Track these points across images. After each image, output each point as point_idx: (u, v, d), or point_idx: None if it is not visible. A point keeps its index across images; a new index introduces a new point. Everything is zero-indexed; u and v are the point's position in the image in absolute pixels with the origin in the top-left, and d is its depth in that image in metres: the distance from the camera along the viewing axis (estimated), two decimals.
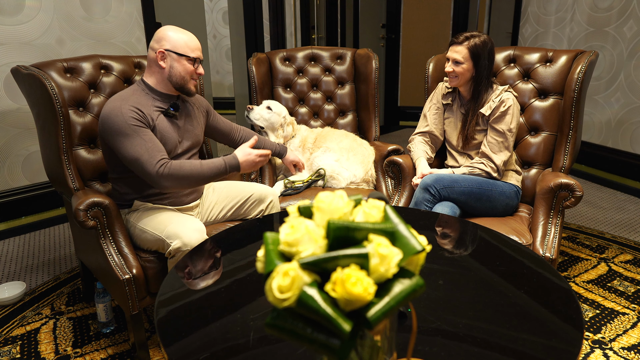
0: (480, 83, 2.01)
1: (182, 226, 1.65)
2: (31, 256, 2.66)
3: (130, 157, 1.66)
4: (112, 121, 1.66)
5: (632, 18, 3.48)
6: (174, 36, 1.76)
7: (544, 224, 1.83)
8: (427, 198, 1.94)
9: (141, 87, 1.80)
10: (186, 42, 1.77)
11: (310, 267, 0.67)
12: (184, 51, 1.76)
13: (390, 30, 5.36)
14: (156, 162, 1.65)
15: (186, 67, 1.77)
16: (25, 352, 1.86)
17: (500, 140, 1.98)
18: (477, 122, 2.05)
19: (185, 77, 1.79)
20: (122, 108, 1.67)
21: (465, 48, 1.97)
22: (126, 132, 1.65)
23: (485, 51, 1.97)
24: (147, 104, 1.75)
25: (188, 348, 1.01)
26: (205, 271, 1.38)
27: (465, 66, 1.98)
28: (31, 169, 3.01)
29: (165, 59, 1.76)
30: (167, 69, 1.77)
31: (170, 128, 1.80)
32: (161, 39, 1.76)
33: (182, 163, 1.71)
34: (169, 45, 1.75)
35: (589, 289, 2.24)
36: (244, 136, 2.25)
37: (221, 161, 1.78)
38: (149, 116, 1.72)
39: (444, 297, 1.18)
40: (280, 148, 2.38)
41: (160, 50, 1.75)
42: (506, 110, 1.97)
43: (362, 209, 0.75)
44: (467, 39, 1.97)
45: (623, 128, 3.65)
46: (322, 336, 0.66)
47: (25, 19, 2.82)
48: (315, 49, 2.88)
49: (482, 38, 1.98)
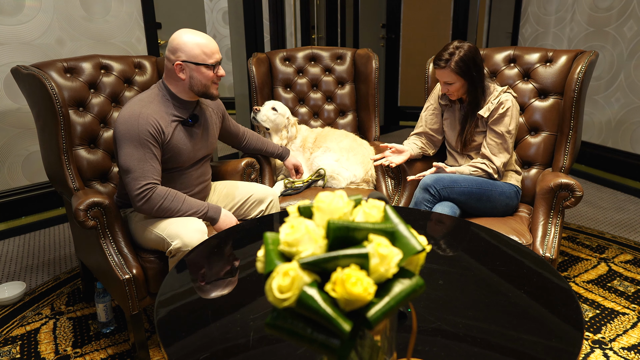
0: (477, 89, 1.99)
1: (183, 226, 1.65)
2: (31, 256, 2.66)
3: (124, 165, 1.66)
4: (126, 125, 1.65)
5: (632, 18, 3.48)
6: (189, 44, 1.69)
7: (544, 224, 1.83)
8: (426, 198, 1.94)
9: (162, 92, 1.76)
10: (202, 49, 1.70)
11: (310, 267, 0.67)
12: (202, 60, 1.71)
13: (390, 30, 5.36)
14: (144, 184, 1.64)
15: (206, 75, 1.73)
16: (25, 352, 1.86)
17: (499, 142, 1.98)
18: (476, 124, 2.05)
19: (207, 84, 1.75)
20: (141, 116, 1.65)
21: (449, 71, 1.93)
22: (133, 141, 1.64)
23: (470, 62, 1.92)
24: (167, 112, 1.73)
25: (188, 348, 1.01)
26: (205, 271, 1.38)
27: (457, 85, 1.97)
28: (31, 169, 3.01)
29: (184, 70, 1.71)
30: (187, 80, 1.73)
31: (186, 139, 1.78)
32: (176, 49, 1.70)
33: (166, 195, 1.68)
34: (185, 56, 1.70)
35: (589, 289, 2.24)
36: (249, 138, 2.25)
37: (204, 207, 1.75)
38: (166, 130, 1.71)
39: (444, 297, 1.18)
40: (283, 150, 2.38)
41: (178, 63, 1.70)
42: (505, 112, 1.97)
43: (362, 209, 0.75)
44: (447, 61, 1.91)
45: (623, 128, 3.65)
46: (322, 336, 0.66)
47: (25, 19, 2.82)
48: (315, 49, 2.88)
49: (462, 51, 1.91)
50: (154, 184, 1.67)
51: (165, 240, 1.65)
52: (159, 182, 1.69)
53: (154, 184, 1.67)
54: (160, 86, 1.78)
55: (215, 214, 1.77)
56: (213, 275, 1.36)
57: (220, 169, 2.24)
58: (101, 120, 2.05)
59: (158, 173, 1.69)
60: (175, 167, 1.80)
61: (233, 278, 1.33)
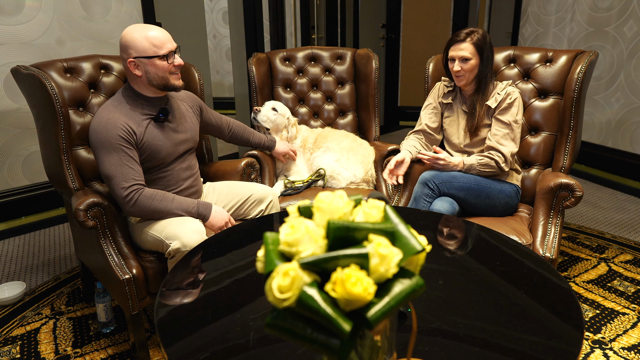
0: (486, 76, 2.02)
1: (182, 227, 1.65)
2: (31, 256, 2.66)
3: (104, 173, 1.66)
4: (97, 133, 1.65)
5: (632, 18, 3.48)
6: (137, 39, 1.67)
7: (544, 224, 1.83)
8: (426, 192, 1.95)
9: (128, 93, 1.77)
10: (151, 41, 1.67)
11: (310, 267, 0.67)
12: (153, 52, 1.68)
13: (390, 30, 5.36)
14: (127, 186, 1.64)
15: (161, 66, 1.71)
16: (25, 352, 1.86)
17: (506, 132, 1.98)
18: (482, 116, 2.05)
19: (164, 76, 1.73)
20: (109, 122, 1.65)
21: (470, 44, 1.98)
22: (107, 148, 1.64)
23: (487, 44, 2.00)
24: (136, 112, 1.74)
25: (188, 348, 1.01)
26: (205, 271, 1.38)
27: (474, 62, 1.99)
28: (31, 169, 3.01)
29: (139, 67, 1.70)
30: (144, 75, 1.71)
31: (161, 135, 1.77)
32: (126, 47, 1.69)
33: (153, 195, 1.68)
34: (136, 52, 1.68)
35: (589, 289, 2.24)
36: (234, 130, 2.25)
37: (194, 205, 1.74)
38: (137, 130, 1.70)
39: (444, 297, 1.18)
40: (269, 141, 2.37)
41: (130, 60, 1.69)
42: (512, 102, 1.99)
43: (362, 209, 0.75)
44: (469, 34, 1.99)
45: (623, 128, 3.65)
46: (322, 336, 0.66)
47: (25, 19, 2.82)
48: (315, 49, 2.88)
49: (481, 32, 2.01)
50: (139, 186, 1.66)
51: (163, 241, 1.65)
52: (142, 183, 1.69)
53: (138, 185, 1.66)
54: (125, 88, 1.78)
55: (206, 211, 1.76)
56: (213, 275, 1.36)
57: (220, 169, 2.24)
58: None
59: (139, 175, 1.69)
60: (156, 164, 1.79)
61: (233, 278, 1.33)
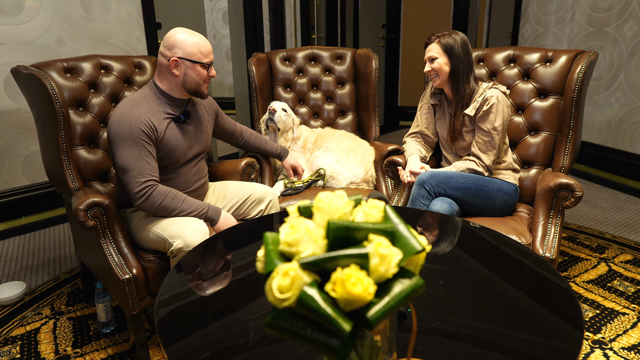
0: (459, 76, 2.01)
1: (185, 226, 1.65)
2: (31, 256, 2.66)
3: (121, 165, 1.67)
4: (119, 126, 1.66)
5: (632, 18, 3.48)
6: (185, 42, 1.72)
7: (543, 224, 1.83)
8: (422, 194, 1.95)
9: (153, 90, 1.79)
10: (199, 47, 1.73)
11: (310, 267, 0.67)
12: (198, 58, 1.74)
13: (390, 30, 5.36)
14: (143, 181, 1.65)
15: (200, 73, 1.76)
16: (25, 352, 1.86)
17: (486, 140, 1.98)
18: (464, 123, 2.05)
19: (199, 83, 1.78)
20: (133, 115, 1.67)
21: (436, 44, 2.03)
22: (127, 141, 1.65)
23: (457, 44, 2.00)
24: (159, 110, 1.75)
25: (188, 348, 1.01)
26: (205, 271, 1.38)
27: (441, 60, 2.01)
28: (31, 169, 3.01)
29: (179, 67, 1.74)
30: (181, 77, 1.75)
31: (179, 135, 1.80)
32: (172, 45, 1.73)
33: (166, 193, 1.69)
34: (182, 53, 1.72)
35: (589, 289, 2.24)
36: (247, 137, 2.26)
37: (204, 207, 1.76)
38: (159, 127, 1.72)
39: (444, 297, 1.18)
40: (281, 150, 2.38)
41: (174, 59, 1.72)
42: (489, 109, 1.96)
43: (362, 209, 0.75)
44: (438, 36, 2.04)
45: (623, 128, 3.65)
46: (322, 336, 0.65)
47: (25, 19, 2.82)
48: (315, 49, 2.88)
49: (453, 34, 2.03)
50: (154, 182, 1.68)
51: (166, 240, 1.65)
52: (158, 179, 1.70)
53: (153, 181, 1.68)
54: (151, 85, 1.80)
55: (215, 215, 1.77)
56: (213, 275, 1.36)
57: (220, 169, 2.24)
58: (101, 120, 2.05)
59: (155, 170, 1.70)
60: (170, 164, 1.81)
61: (233, 278, 1.33)
